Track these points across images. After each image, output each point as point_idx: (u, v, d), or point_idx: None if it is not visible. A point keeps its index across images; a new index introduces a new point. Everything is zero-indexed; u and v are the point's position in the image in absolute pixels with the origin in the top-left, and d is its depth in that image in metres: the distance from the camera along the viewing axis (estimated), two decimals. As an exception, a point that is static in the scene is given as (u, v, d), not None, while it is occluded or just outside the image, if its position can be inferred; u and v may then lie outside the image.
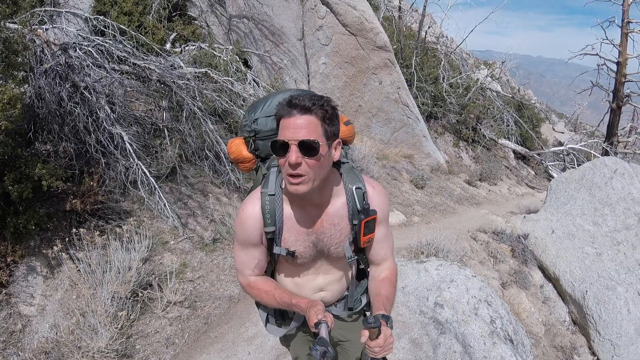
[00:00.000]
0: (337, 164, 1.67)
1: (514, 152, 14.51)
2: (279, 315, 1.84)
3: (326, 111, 1.44)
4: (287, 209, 1.60)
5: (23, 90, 3.91)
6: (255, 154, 1.78)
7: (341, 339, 1.90)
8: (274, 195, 1.58)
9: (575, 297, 5.70)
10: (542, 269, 6.44)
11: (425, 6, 12.51)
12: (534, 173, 14.66)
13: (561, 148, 14.09)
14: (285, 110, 1.42)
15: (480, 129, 13.28)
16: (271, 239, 1.62)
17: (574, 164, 12.88)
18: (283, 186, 1.58)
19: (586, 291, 5.56)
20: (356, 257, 1.73)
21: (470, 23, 13.91)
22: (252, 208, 1.59)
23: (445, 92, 12.54)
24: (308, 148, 1.40)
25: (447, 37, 17.00)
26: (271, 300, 1.65)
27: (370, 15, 9.17)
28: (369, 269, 1.84)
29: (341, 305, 1.87)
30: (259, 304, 1.87)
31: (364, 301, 1.91)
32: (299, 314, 1.70)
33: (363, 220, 1.59)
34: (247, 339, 3.62)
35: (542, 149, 14.42)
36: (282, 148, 1.42)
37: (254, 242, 1.62)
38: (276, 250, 1.62)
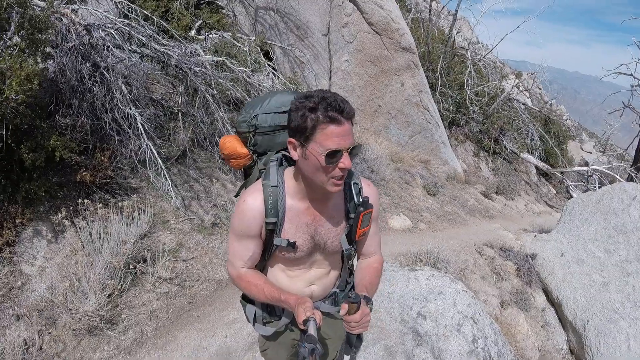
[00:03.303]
0: None
1: (537, 167, 14.18)
2: (267, 312, 1.89)
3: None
4: (289, 201, 1.64)
5: (44, 67, 4.17)
6: (253, 150, 1.82)
7: (324, 337, 1.96)
8: (276, 186, 1.62)
9: (576, 325, 5.51)
10: (546, 293, 6.29)
11: (457, 10, 12.30)
12: (554, 191, 14.29)
13: (585, 168, 13.64)
14: (333, 115, 1.43)
15: (503, 141, 13.02)
16: (271, 231, 1.65)
17: (597, 187, 12.49)
18: (285, 179, 1.65)
19: (588, 321, 5.37)
20: (354, 249, 1.78)
21: (505, 31, 13.62)
22: (253, 199, 1.62)
23: (469, 99, 12.37)
24: (353, 152, 1.49)
25: (481, 43, 16.67)
26: (260, 294, 1.67)
27: (397, 15, 9.14)
28: (354, 267, 1.93)
29: (329, 301, 1.92)
30: (246, 302, 1.92)
31: None
32: (288, 310, 1.74)
33: (362, 212, 1.64)
34: (227, 322, 3.78)
35: (566, 167, 14.02)
36: (333, 155, 1.45)
37: (251, 234, 1.65)
38: (277, 241, 1.65)
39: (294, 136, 1.50)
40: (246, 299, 1.92)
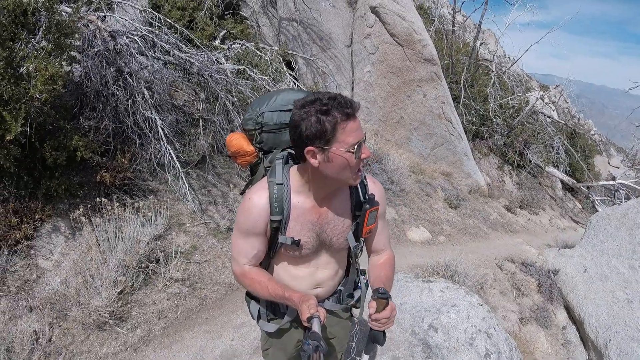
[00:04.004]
0: None
1: (562, 182, 13.83)
2: (271, 309, 1.88)
3: None
4: (295, 199, 1.64)
5: (70, 70, 4.33)
6: (259, 147, 1.82)
7: (328, 336, 1.96)
8: (282, 184, 1.63)
9: (598, 344, 5.31)
10: (568, 310, 6.12)
11: (480, 22, 12.18)
12: (580, 207, 13.91)
13: (611, 183, 13.18)
14: (348, 111, 1.47)
15: (527, 154, 12.76)
16: (276, 229, 1.64)
17: (624, 202, 12.05)
18: (290, 177, 1.66)
19: (610, 339, 5.17)
20: (361, 246, 1.78)
21: (530, 44, 13.42)
22: (258, 197, 1.63)
23: (493, 112, 12.17)
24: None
25: (508, 56, 16.45)
26: (264, 291, 1.67)
27: (419, 26, 9.13)
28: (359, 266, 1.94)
29: (333, 299, 1.92)
30: (250, 299, 1.92)
31: (356, 296, 1.96)
32: (292, 308, 1.74)
33: (368, 210, 1.66)
34: (235, 326, 3.78)
35: (592, 181, 13.66)
36: (357, 149, 1.50)
37: (257, 231, 1.65)
38: (281, 239, 1.65)
39: (312, 143, 1.48)
40: (250, 295, 1.92)
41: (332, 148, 1.47)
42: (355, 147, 1.47)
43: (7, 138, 3.35)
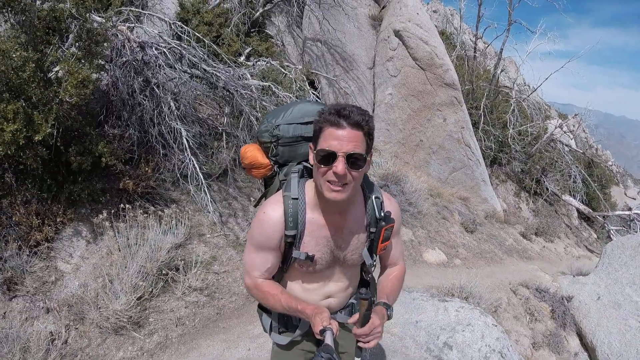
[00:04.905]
0: None
1: (578, 210, 13.68)
2: (283, 323, 1.84)
3: (370, 127, 1.49)
4: (310, 214, 1.61)
5: (98, 77, 4.40)
6: (274, 160, 1.80)
7: (339, 350, 1.91)
8: (297, 199, 1.60)
9: None
10: (581, 336, 6.13)
11: (502, 49, 12.26)
12: (595, 236, 13.69)
13: (627, 213, 13.01)
14: (333, 119, 1.44)
15: (544, 182, 12.64)
16: (290, 243, 1.62)
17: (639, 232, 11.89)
18: (306, 191, 1.63)
19: None
20: (375, 262, 1.76)
21: (550, 73, 13.46)
22: (273, 211, 1.60)
23: (512, 138, 12.13)
24: (354, 161, 1.45)
25: (528, 85, 16.47)
26: (277, 304, 1.64)
27: (441, 51, 9.20)
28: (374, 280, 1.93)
29: (346, 312, 1.88)
30: (262, 311, 1.90)
31: None
32: (305, 321, 1.72)
33: (384, 227, 1.63)
34: (252, 336, 3.72)
35: (608, 211, 13.48)
36: (328, 157, 1.44)
37: (270, 245, 1.62)
38: (295, 254, 1.62)
39: (312, 142, 1.53)
40: (262, 308, 1.89)
41: (316, 149, 1.48)
42: (318, 150, 1.45)
43: (36, 139, 3.38)
